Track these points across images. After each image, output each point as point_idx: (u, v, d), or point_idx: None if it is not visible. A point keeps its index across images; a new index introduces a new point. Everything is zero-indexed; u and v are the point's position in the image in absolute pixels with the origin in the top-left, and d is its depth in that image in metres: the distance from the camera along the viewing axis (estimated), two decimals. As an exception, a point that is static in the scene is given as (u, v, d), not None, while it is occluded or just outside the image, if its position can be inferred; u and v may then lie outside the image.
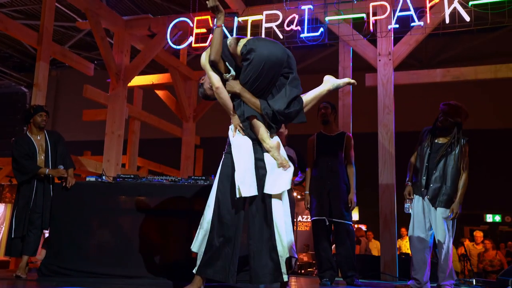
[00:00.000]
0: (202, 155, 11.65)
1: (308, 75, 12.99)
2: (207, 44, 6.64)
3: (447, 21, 5.86)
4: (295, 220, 9.21)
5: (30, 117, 4.86)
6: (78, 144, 12.48)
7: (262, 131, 3.21)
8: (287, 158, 3.29)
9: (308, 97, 3.37)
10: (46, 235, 4.85)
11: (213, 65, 3.26)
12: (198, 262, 3.18)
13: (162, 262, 4.62)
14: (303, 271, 7.49)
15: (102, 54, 7.26)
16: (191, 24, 6.80)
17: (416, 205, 4.45)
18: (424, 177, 4.40)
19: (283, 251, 3.08)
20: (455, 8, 5.80)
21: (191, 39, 6.75)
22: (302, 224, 10.77)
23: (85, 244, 4.75)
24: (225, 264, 3.13)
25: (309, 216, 6.75)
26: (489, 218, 12.03)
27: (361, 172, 5.36)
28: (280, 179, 3.19)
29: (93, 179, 5.06)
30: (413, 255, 4.39)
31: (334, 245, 5.11)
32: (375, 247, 10.88)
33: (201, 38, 6.75)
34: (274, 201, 3.15)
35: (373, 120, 6.43)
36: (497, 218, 12.00)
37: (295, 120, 3.30)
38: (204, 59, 3.33)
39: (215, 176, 5.14)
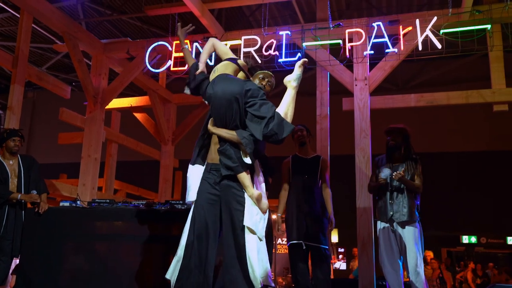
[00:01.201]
0: (181, 177, 11.54)
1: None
2: (185, 68, 6.65)
3: (420, 48, 5.99)
4: (274, 243, 9.14)
5: (3, 141, 4.75)
6: (54, 166, 12.28)
7: (245, 179, 3.16)
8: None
9: (283, 106, 3.19)
10: (17, 262, 4.69)
11: None
12: None
13: (134, 285, 4.52)
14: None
15: (80, 77, 7.18)
16: (169, 48, 6.79)
17: (383, 231, 4.56)
18: (390, 201, 4.52)
19: (255, 282, 3.03)
20: (427, 36, 5.94)
21: (170, 62, 6.74)
22: (282, 247, 10.69)
23: (58, 271, 4.62)
24: None
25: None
26: (465, 239, 12.15)
27: (340, 194, 5.38)
28: (257, 218, 3.16)
29: (67, 204, 4.95)
30: (387, 279, 4.50)
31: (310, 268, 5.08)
32: None
33: (179, 61, 6.74)
34: (247, 231, 3.10)
35: (350, 142, 6.48)
36: (473, 239, 12.12)
37: (284, 133, 3.10)
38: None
39: (183, 198, 5.11)
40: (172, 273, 3.16)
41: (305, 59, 3.36)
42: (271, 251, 5.28)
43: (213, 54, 6.63)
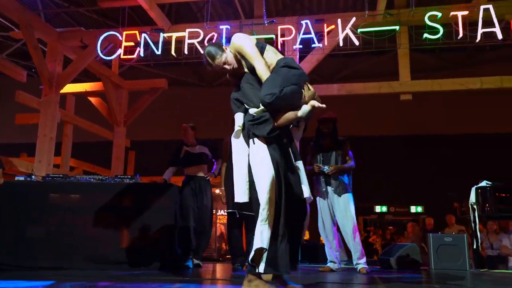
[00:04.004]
0: (134, 156, 11.29)
1: (232, 87, 13.11)
2: (135, 56, 6.47)
3: (341, 44, 6.13)
4: (215, 214, 9.16)
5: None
6: (16, 146, 11.63)
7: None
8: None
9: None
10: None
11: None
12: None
13: (90, 254, 4.41)
14: (221, 258, 7.46)
15: (35, 62, 6.81)
16: (120, 38, 6.57)
17: (322, 204, 4.65)
18: (323, 179, 4.62)
19: None
20: (347, 34, 6.08)
21: (120, 51, 6.52)
22: (223, 217, 10.74)
23: (13, 239, 4.41)
24: None
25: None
26: (378, 209, 12.78)
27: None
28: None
29: (22, 178, 4.74)
30: (325, 242, 4.62)
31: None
32: None
33: (129, 50, 6.54)
34: None
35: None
36: (384, 209, 12.79)
37: None
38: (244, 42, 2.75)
39: (140, 175, 5.02)
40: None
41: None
42: (212, 220, 5.32)
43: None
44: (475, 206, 5.23)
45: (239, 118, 2.78)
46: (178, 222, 4.66)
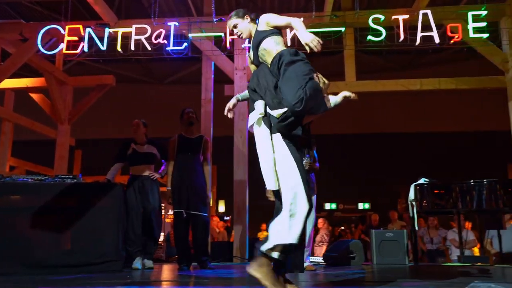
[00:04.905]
0: (80, 156, 10.91)
1: (181, 85, 12.94)
2: (78, 51, 6.24)
3: (289, 43, 6.20)
4: (166, 213, 9.03)
5: None
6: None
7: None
8: None
9: None
10: None
11: None
12: None
13: (28, 258, 4.20)
14: (170, 258, 7.36)
15: (-32, 56, 6.42)
16: (62, 31, 6.31)
17: None
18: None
19: None
20: (295, 34, 6.16)
21: (62, 45, 6.27)
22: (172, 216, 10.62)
23: None
24: None
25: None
26: (327, 206, 13.14)
27: (222, 169, 5.40)
28: None
29: (-51, 179, 4.44)
30: None
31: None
32: None
33: (72, 45, 6.30)
34: None
35: (230, 125, 6.56)
36: (333, 206, 13.18)
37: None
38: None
39: (85, 175, 4.84)
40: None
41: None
42: (160, 220, 5.25)
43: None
44: (413, 203, 5.48)
45: (260, 105, 2.69)
46: (122, 223, 4.55)
